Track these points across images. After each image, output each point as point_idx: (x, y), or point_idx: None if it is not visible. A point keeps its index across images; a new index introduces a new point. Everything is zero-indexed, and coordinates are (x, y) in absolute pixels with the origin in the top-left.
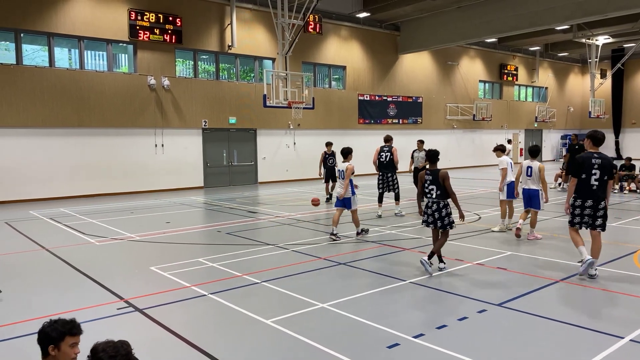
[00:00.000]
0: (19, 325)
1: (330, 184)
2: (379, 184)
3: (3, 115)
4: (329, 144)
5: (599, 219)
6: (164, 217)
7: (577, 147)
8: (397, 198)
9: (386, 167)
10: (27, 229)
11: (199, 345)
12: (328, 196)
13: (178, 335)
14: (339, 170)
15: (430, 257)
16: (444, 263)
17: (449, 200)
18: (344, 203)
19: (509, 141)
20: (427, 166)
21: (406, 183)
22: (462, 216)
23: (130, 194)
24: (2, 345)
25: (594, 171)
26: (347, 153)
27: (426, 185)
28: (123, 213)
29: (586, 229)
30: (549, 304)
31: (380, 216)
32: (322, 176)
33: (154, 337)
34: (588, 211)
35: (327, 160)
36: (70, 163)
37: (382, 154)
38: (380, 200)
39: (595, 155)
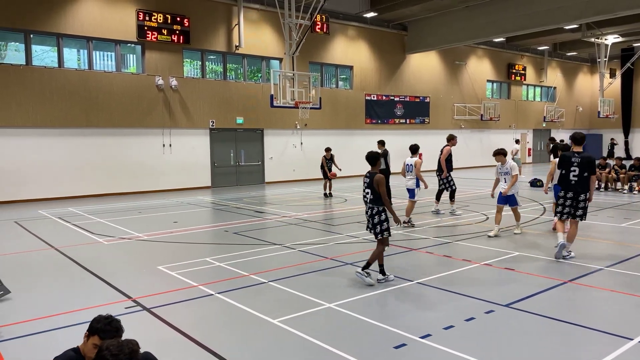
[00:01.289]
0: (28, 323)
1: (327, 183)
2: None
3: (13, 115)
4: (328, 149)
5: (580, 210)
6: (172, 217)
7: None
8: (451, 197)
9: (437, 168)
10: (36, 228)
11: (206, 345)
12: (326, 192)
13: (185, 334)
14: (407, 164)
15: (365, 267)
16: (385, 275)
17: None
18: (410, 193)
19: (517, 141)
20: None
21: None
22: (397, 221)
23: (138, 194)
24: (11, 343)
25: (573, 168)
26: (415, 150)
27: (363, 188)
28: (131, 213)
29: (567, 218)
30: (557, 304)
31: (434, 212)
32: (330, 172)
33: (161, 336)
34: (569, 202)
35: (327, 164)
36: (79, 163)
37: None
38: (437, 198)
39: (576, 154)
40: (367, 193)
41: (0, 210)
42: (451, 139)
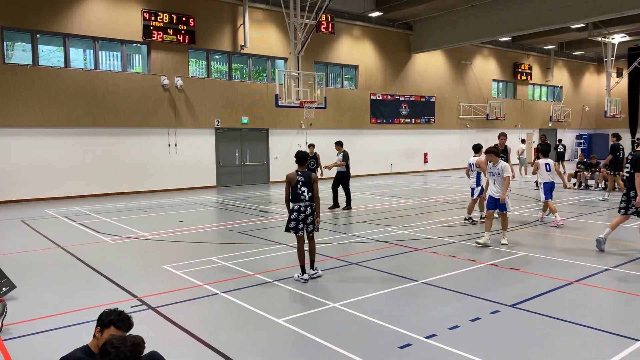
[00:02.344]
0: (34, 322)
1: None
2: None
3: (19, 115)
4: (311, 146)
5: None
6: (177, 216)
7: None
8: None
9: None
10: (43, 227)
11: (211, 344)
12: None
13: (190, 333)
14: (470, 164)
15: (311, 267)
16: (315, 270)
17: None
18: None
19: (523, 141)
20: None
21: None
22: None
23: (143, 193)
24: (18, 342)
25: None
26: (478, 149)
27: (299, 186)
28: (137, 212)
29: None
30: (563, 305)
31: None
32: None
33: (166, 335)
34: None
35: (309, 163)
36: (85, 162)
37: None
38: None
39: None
40: (304, 191)
41: (7, 209)
42: (501, 136)
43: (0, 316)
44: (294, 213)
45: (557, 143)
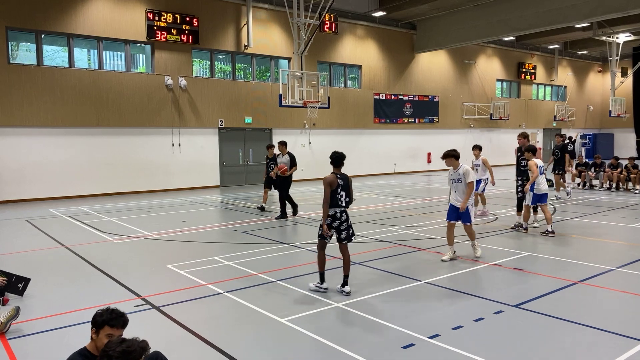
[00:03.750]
0: (39, 321)
1: (273, 191)
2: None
3: (24, 115)
4: (269, 147)
5: None
6: (181, 216)
7: None
8: (535, 209)
9: (522, 173)
10: (47, 226)
11: (215, 343)
12: (263, 205)
13: (194, 333)
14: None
15: (345, 284)
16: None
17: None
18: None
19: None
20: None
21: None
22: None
23: (147, 193)
24: (22, 341)
25: None
26: (530, 150)
27: (337, 190)
28: (140, 211)
29: None
30: (567, 305)
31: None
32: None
33: (170, 335)
34: None
35: (269, 165)
36: (89, 162)
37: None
38: (519, 208)
39: None
40: (343, 196)
41: (12, 209)
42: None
43: (11, 319)
44: (328, 219)
45: (567, 141)
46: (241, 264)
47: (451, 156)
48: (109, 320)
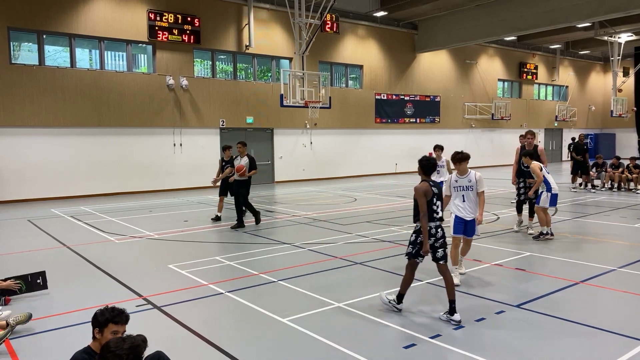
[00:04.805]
0: (41, 320)
1: (232, 199)
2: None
3: (26, 115)
4: (227, 148)
5: None
6: (182, 216)
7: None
8: (531, 213)
9: (523, 174)
10: (49, 226)
11: (216, 343)
12: (218, 214)
13: (195, 333)
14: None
15: (452, 310)
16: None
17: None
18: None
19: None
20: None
21: None
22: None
23: (149, 193)
24: (24, 341)
25: None
26: (529, 154)
27: (434, 201)
28: (142, 211)
29: None
30: (568, 305)
31: (517, 231)
32: (215, 184)
33: (171, 334)
34: None
35: (224, 168)
36: (91, 162)
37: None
38: (519, 210)
39: None
40: (439, 207)
41: (14, 209)
42: (529, 135)
43: (19, 324)
44: (422, 236)
45: (571, 142)
46: (242, 264)
47: (466, 159)
48: (112, 317)
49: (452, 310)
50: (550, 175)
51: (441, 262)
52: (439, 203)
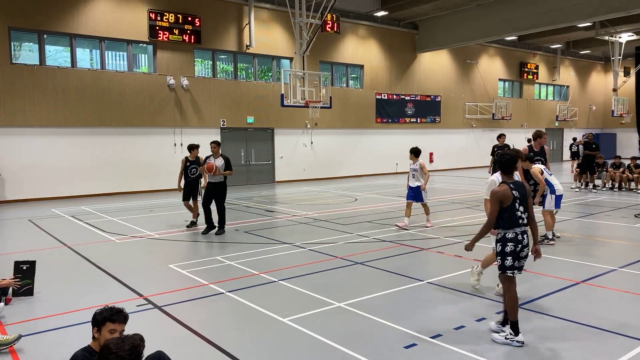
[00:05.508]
0: (42, 320)
1: (198, 203)
2: None
3: (26, 115)
4: (193, 148)
5: None
6: (183, 216)
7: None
8: None
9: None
10: (49, 226)
11: (217, 343)
12: (194, 220)
13: (196, 332)
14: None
15: (507, 324)
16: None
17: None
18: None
19: (529, 140)
20: (500, 176)
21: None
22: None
23: (149, 193)
24: (25, 340)
25: None
26: (528, 159)
27: (516, 206)
28: (142, 211)
29: None
30: (570, 305)
31: None
32: (181, 188)
33: (172, 334)
34: None
35: (189, 170)
36: (91, 162)
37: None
38: None
39: None
40: (522, 212)
41: (15, 209)
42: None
43: (6, 345)
44: (510, 244)
45: (572, 142)
46: (243, 264)
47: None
48: (110, 316)
49: (513, 326)
50: (553, 176)
51: (516, 274)
52: (522, 208)
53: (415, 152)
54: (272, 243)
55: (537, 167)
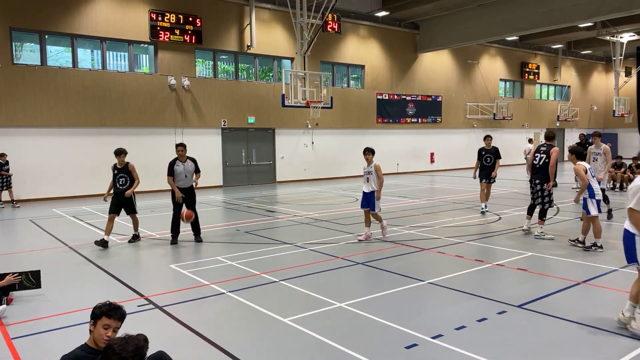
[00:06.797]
0: (43, 320)
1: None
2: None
3: (28, 115)
4: (120, 153)
5: None
6: None
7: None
8: (541, 216)
9: (537, 172)
10: (51, 226)
11: (218, 343)
12: (106, 238)
13: (197, 333)
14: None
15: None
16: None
17: None
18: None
19: (530, 140)
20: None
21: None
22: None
23: (150, 193)
24: (26, 340)
25: None
26: (575, 152)
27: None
28: (144, 211)
29: None
30: (570, 306)
31: (525, 230)
32: (106, 199)
33: (173, 335)
34: None
35: (117, 179)
36: (92, 162)
37: (537, 154)
38: (529, 212)
39: None
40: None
41: (16, 209)
42: (553, 137)
43: None
44: None
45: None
46: (244, 264)
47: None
48: (107, 311)
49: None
50: (594, 179)
51: None
52: None
53: (372, 152)
54: (273, 243)
55: (581, 165)
